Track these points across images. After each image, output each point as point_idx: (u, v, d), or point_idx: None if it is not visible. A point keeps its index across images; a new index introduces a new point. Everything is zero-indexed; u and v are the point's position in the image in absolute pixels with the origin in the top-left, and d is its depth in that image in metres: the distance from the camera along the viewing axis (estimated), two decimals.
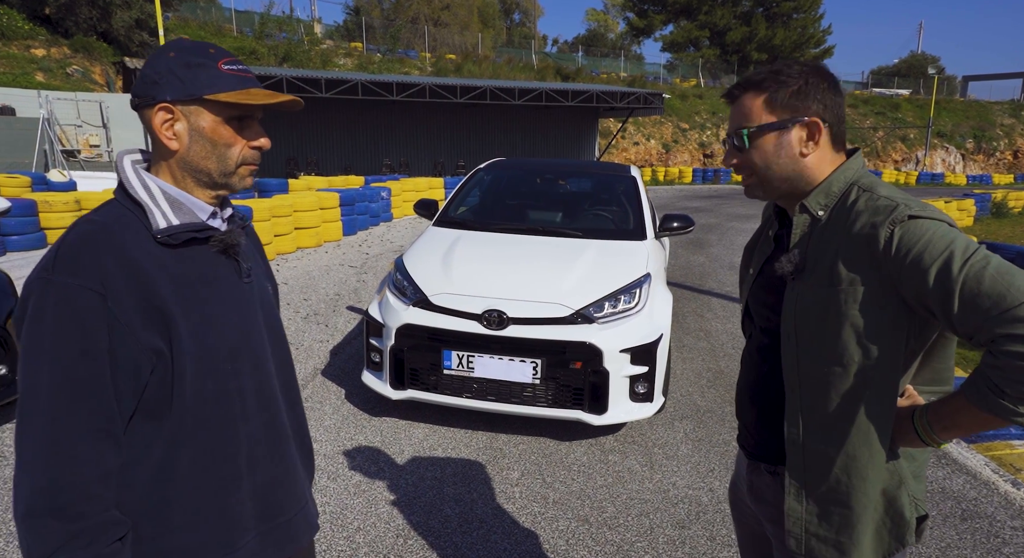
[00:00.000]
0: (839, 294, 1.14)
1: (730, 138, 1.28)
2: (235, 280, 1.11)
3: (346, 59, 29.04)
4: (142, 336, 0.96)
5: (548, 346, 3.32)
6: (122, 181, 1.05)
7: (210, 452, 1.05)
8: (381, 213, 12.55)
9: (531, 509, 2.91)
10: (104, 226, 0.98)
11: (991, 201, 17.57)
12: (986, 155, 40.79)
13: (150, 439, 1.00)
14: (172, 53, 1.03)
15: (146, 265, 0.97)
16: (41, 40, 20.53)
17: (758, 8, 43.58)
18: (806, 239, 1.22)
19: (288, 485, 1.19)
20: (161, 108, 1.01)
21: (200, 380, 1.02)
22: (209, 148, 1.04)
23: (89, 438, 0.93)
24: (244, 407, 1.09)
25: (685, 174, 29.41)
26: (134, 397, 0.98)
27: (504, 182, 5.47)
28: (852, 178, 1.22)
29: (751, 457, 1.42)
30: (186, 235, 1.03)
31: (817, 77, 1.22)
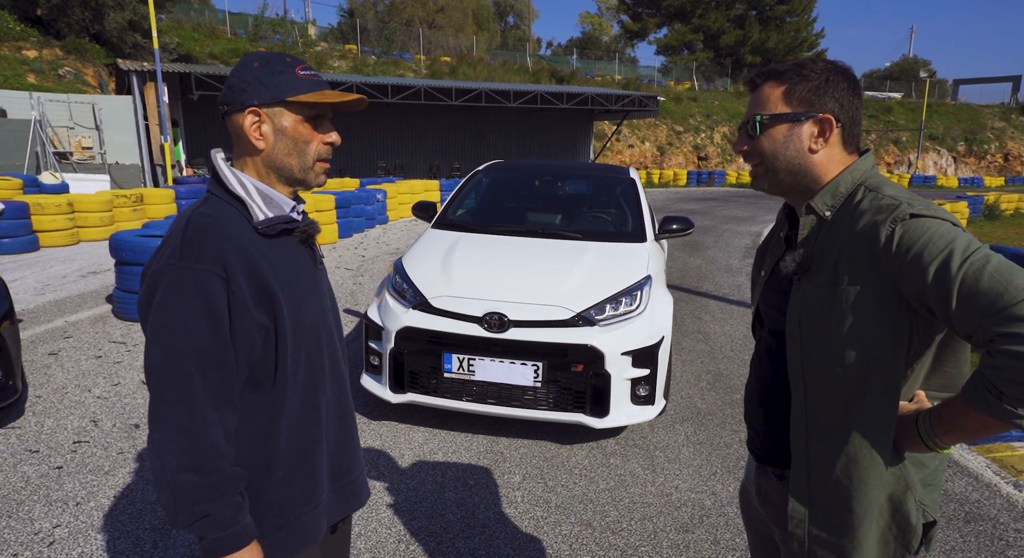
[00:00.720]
0: (841, 293, 1.13)
1: (744, 124, 1.28)
2: (312, 266, 1.26)
3: (340, 61, 28.99)
4: (255, 315, 1.09)
5: (549, 349, 3.30)
6: (220, 177, 1.17)
7: (301, 417, 1.19)
8: (377, 215, 12.52)
9: (533, 513, 2.89)
10: (218, 218, 1.11)
11: (983, 204, 17.68)
12: (977, 158, 41.09)
13: (257, 405, 1.15)
14: (256, 63, 1.16)
15: (253, 252, 1.11)
16: (33, 41, 20.38)
17: (751, 11, 43.83)
18: (812, 239, 1.22)
19: (351, 449, 1.35)
20: (250, 112, 1.14)
21: (295, 353, 1.16)
22: (291, 146, 1.17)
23: (217, 404, 1.06)
24: (324, 377, 1.24)
25: (680, 177, 29.49)
26: (246, 367, 1.11)
27: (503, 184, 5.45)
28: (860, 178, 1.21)
29: (759, 461, 1.41)
30: (280, 226, 1.17)
31: (838, 76, 1.22)
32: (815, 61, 1.24)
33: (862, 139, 1.30)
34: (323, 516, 1.27)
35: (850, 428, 1.16)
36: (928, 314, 1.09)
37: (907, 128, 39.45)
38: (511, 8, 55.31)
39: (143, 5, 19.60)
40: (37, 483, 2.98)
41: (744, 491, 1.57)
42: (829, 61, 1.24)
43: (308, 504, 1.23)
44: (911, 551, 1.20)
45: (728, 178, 30.93)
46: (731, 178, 30.96)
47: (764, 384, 1.37)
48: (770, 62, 42.59)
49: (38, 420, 3.62)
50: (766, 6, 43.23)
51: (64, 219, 9.18)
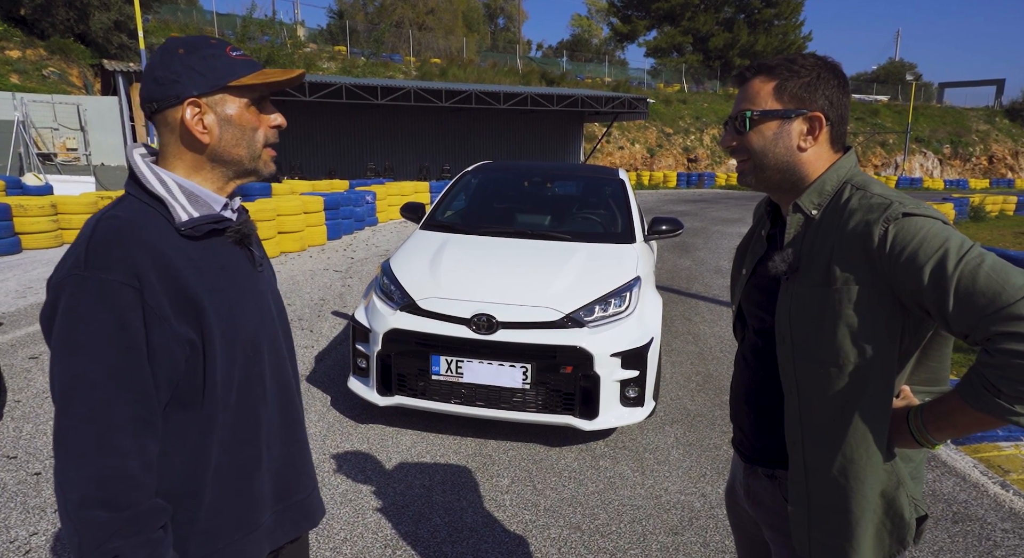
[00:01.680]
0: (833, 293, 1.12)
1: (732, 119, 1.26)
2: (249, 269, 1.15)
3: (330, 63, 28.87)
4: (177, 327, 0.98)
5: (538, 350, 3.27)
6: (137, 176, 1.06)
7: (236, 435, 1.09)
8: (366, 217, 12.45)
9: (522, 517, 2.86)
10: (130, 221, 0.99)
11: (969, 205, 17.86)
12: (962, 160, 41.54)
13: (184, 426, 1.03)
14: (181, 50, 1.05)
15: (174, 257, 0.99)
16: (16, 41, 20.15)
17: (740, 15, 44.11)
18: (800, 238, 1.21)
19: (300, 465, 1.24)
20: (190, 104, 1.04)
21: (228, 367, 1.06)
22: (239, 134, 1.08)
23: (132, 429, 0.95)
24: (264, 391, 1.14)
25: (670, 178, 29.59)
26: (170, 386, 1.00)
27: (492, 185, 5.42)
28: (845, 176, 1.21)
29: (748, 461, 1.39)
30: (207, 226, 1.06)
31: (829, 73, 1.21)
32: (805, 57, 1.22)
33: (850, 142, 1.30)
34: (262, 541, 1.16)
35: (846, 427, 1.15)
36: (922, 313, 1.08)
37: (894, 130, 39.82)
38: (501, 10, 55.36)
39: (129, 5, 19.44)
40: (14, 490, 2.91)
41: (731, 492, 1.55)
42: (818, 57, 1.23)
43: (243, 529, 1.12)
44: (905, 546, 1.20)
45: (718, 180, 31.08)
46: (720, 180, 31.11)
47: (752, 384, 1.35)
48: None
49: (16, 425, 3.55)
50: (754, 9, 43.52)
51: (47, 221, 9.06)
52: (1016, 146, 42.89)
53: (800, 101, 1.19)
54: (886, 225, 1.08)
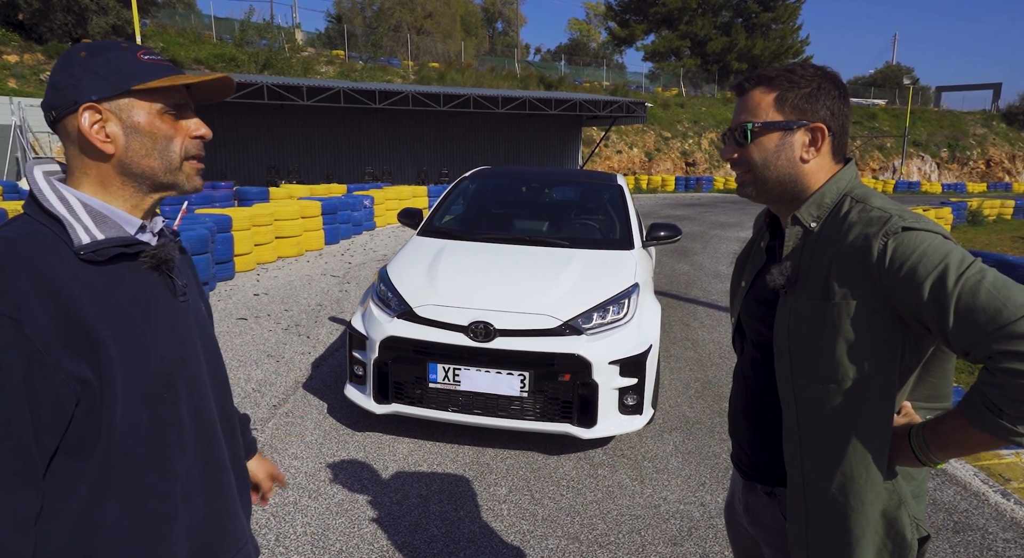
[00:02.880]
0: (832, 308, 1.11)
1: (732, 131, 1.24)
2: (169, 299, 1.01)
3: (328, 67, 28.88)
4: (65, 365, 0.85)
5: (536, 358, 3.25)
6: (34, 193, 0.92)
7: (142, 490, 0.94)
8: (364, 222, 12.43)
9: (519, 527, 2.83)
10: (14, 243, 0.87)
11: (967, 209, 17.89)
12: (960, 164, 41.65)
13: (74, 481, 0.89)
14: (83, 53, 0.95)
15: (67, 285, 0.86)
16: (14, 46, 20.14)
17: (738, 19, 44.22)
18: (798, 251, 1.19)
19: (226, 521, 1.09)
20: (87, 109, 0.92)
21: (133, 411, 0.92)
22: (149, 144, 0.96)
23: (6, 484, 0.81)
24: (181, 437, 0.99)
25: (668, 182, 29.62)
26: (55, 434, 0.86)
27: (489, 191, 5.40)
28: (845, 189, 1.19)
29: (747, 477, 1.36)
30: (113, 250, 0.93)
31: (829, 83, 1.19)
32: (804, 66, 1.20)
33: (848, 145, 1.29)
34: None
35: (845, 445, 1.13)
36: (922, 329, 1.07)
37: (891, 134, 39.92)
38: (500, 14, 55.48)
39: (127, 10, 19.44)
40: None
41: (730, 507, 1.53)
42: (817, 67, 1.21)
43: None
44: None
45: (716, 184, 31.11)
46: (719, 184, 31.14)
47: (751, 398, 1.33)
48: (756, 68, 43.22)
49: None
50: (752, 13, 43.63)
51: None
52: (1013, 150, 43.03)
53: (801, 112, 1.18)
54: (885, 239, 1.06)
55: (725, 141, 1.26)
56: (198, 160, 1.02)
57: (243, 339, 5.35)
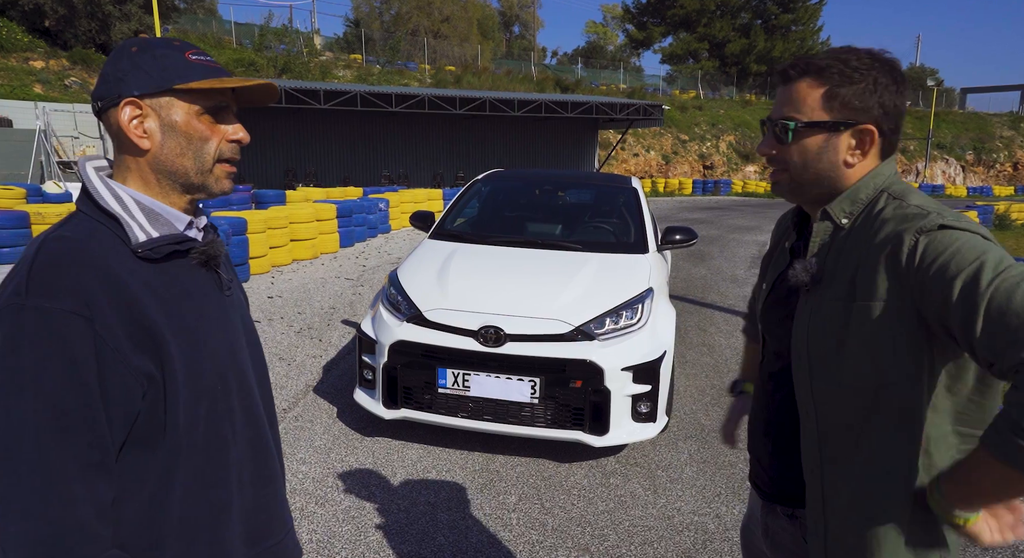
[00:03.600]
0: (856, 309, 1.02)
1: (771, 123, 1.12)
2: (216, 293, 1.04)
3: (345, 71, 29.10)
4: (133, 360, 0.87)
5: (547, 364, 3.19)
6: (89, 191, 0.95)
7: (202, 479, 0.98)
8: (379, 225, 12.45)
9: (529, 537, 2.77)
10: (79, 242, 0.88)
11: (993, 213, 17.49)
12: (986, 167, 40.83)
13: (143, 469, 0.93)
14: (134, 48, 0.96)
15: (130, 282, 0.89)
16: (40, 52, 20.56)
17: (757, 20, 43.84)
18: (826, 248, 1.10)
19: (274, 507, 1.13)
20: (128, 104, 0.93)
21: (192, 402, 0.95)
22: (184, 144, 0.96)
23: (84, 475, 0.84)
24: (233, 428, 1.03)
25: (685, 185, 29.39)
26: (125, 426, 0.89)
27: (502, 194, 5.36)
28: (882, 184, 1.09)
29: (766, 498, 1.27)
30: (167, 248, 0.95)
31: (886, 76, 1.07)
32: (859, 55, 1.07)
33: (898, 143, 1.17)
34: None
35: (865, 461, 1.04)
36: (946, 336, 0.96)
37: (914, 137, 39.25)
38: (517, 18, 55.56)
39: (148, 16, 19.74)
40: None
41: (747, 530, 1.44)
42: (874, 55, 1.08)
43: None
44: None
45: (734, 187, 30.80)
46: (737, 187, 30.83)
47: (770, 411, 1.24)
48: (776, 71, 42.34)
49: None
50: (771, 15, 43.23)
51: None
52: None
53: (852, 111, 1.06)
54: (918, 236, 0.97)
55: (764, 131, 1.15)
56: (231, 164, 1.02)
57: None
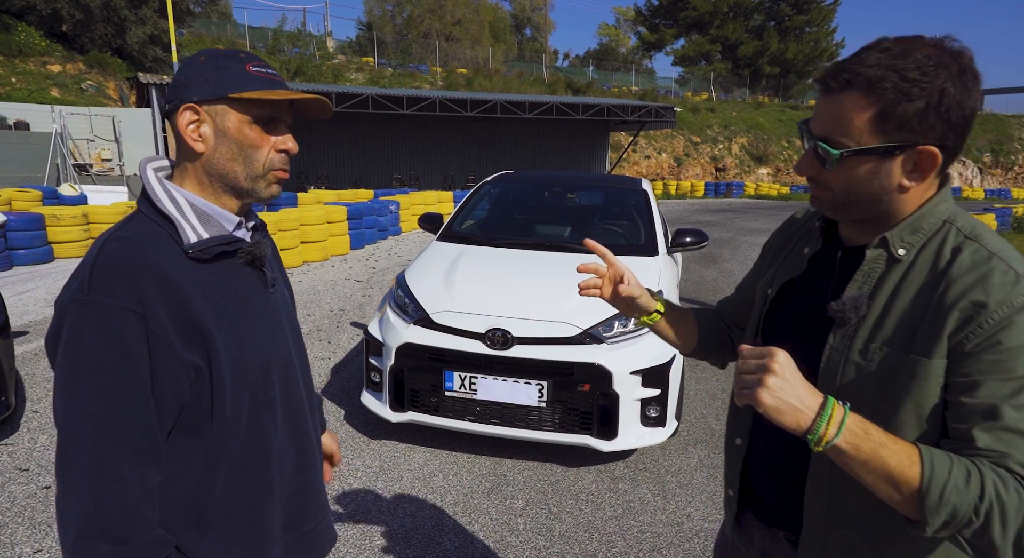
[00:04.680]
0: (910, 363, 0.91)
1: (813, 140, 0.96)
2: (262, 291, 1.11)
3: (357, 73, 29.24)
4: (182, 354, 0.95)
5: (555, 367, 3.15)
6: (148, 193, 1.02)
7: (245, 465, 1.05)
8: (389, 227, 12.47)
9: (535, 543, 2.73)
10: (136, 243, 0.96)
11: (1012, 216, 17.23)
12: (1004, 169, 40.27)
13: (189, 454, 1.00)
14: (202, 57, 1.04)
15: (181, 282, 0.96)
16: (57, 56, 20.82)
17: (770, 22, 43.55)
18: (875, 280, 0.97)
19: (312, 493, 1.20)
20: (187, 108, 1.01)
21: (236, 394, 1.02)
22: (235, 150, 1.03)
23: (133, 459, 0.93)
24: (274, 418, 1.09)
25: (697, 188, 29.23)
26: (174, 414, 0.97)
27: (511, 195, 5.33)
28: (945, 213, 0.96)
29: (764, 521, 1.18)
30: (216, 248, 1.02)
31: (955, 84, 0.87)
32: (920, 61, 0.87)
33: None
34: None
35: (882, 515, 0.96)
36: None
37: None
38: (528, 20, 55.60)
39: (164, 20, 19.93)
40: (23, 504, 2.88)
41: (725, 545, 1.33)
42: (939, 54, 0.88)
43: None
44: None
45: (746, 189, 30.59)
46: (749, 189, 30.61)
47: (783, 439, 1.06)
48: (789, 72, 42.06)
49: (32, 436, 3.55)
50: (785, 16, 42.92)
51: (79, 230, 9.23)
52: None
53: (910, 132, 0.88)
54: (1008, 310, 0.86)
55: (803, 140, 1.00)
56: (282, 171, 1.08)
57: None
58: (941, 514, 0.80)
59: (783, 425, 0.84)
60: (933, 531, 0.82)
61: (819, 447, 0.84)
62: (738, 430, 1.20)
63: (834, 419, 0.83)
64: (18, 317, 5.93)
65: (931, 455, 0.83)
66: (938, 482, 0.80)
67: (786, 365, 0.86)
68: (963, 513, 0.80)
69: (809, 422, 0.83)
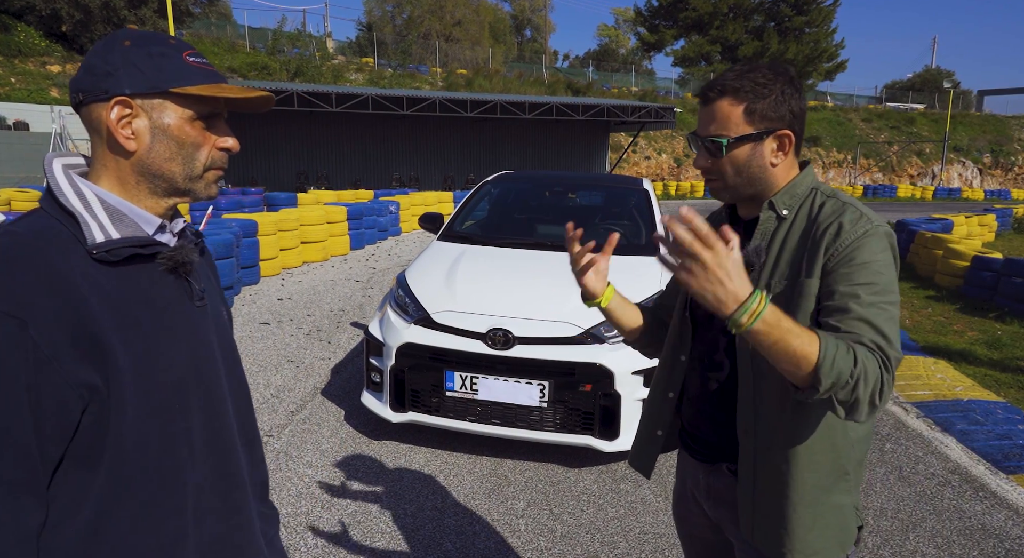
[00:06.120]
0: (799, 286, 1.20)
1: (702, 140, 1.27)
2: (186, 303, 0.96)
3: (357, 74, 29.24)
4: (72, 370, 0.80)
5: (556, 367, 3.14)
6: (51, 188, 0.89)
7: (151, 506, 0.89)
8: (389, 227, 12.47)
9: (537, 543, 2.72)
10: (24, 238, 0.83)
11: (1012, 216, 17.22)
12: (1004, 170, 40.28)
13: (80, 493, 0.84)
14: (127, 41, 0.90)
15: (78, 285, 0.82)
16: (57, 57, 20.83)
17: (770, 23, 43.55)
18: (769, 235, 1.27)
19: (241, 543, 1.02)
20: (118, 102, 0.88)
21: (142, 420, 0.87)
22: (174, 149, 0.92)
23: (6, 495, 0.77)
24: (191, 451, 0.93)
25: (697, 188, 29.24)
26: (60, 442, 0.81)
27: (512, 195, 5.32)
28: (812, 184, 1.30)
29: (707, 460, 1.40)
30: (128, 250, 0.88)
31: (789, 85, 1.24)
32: (763, 72, 1.23)
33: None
34: None
35: (794, 415, 1.21)
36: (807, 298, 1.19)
37: (930, 139, 38.80)
38: (528, 21, 55.63)
39: (163, 20, 19.94)
40: None
41: (682, 499, 1.56)
42: (774, 67, 1.25)
43: None
44: (846, 551, 1.28)
45: None
46: None
47: (716, 384, 1.36)
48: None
49: None
50: (785, 17, 42.92)
51: None
52: None
53: (769, 121, 1.23)
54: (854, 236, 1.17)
55: (695, 148, 1.30)
56: (221, 169, 0.99)
57: (265, 344, 5.34)
58: (830, 378, 1.02)
59: (705, 306, 1.02)
60: (823, 392, 1.03)
61: (735, 330, 1.02)
62: (671, 386, 1.44)
63: (753, 312, 1.00)
64: None
65: (825, 336, 1.06)
66: (830, 354, 1.02)
67: (720, 257, 0.97)
68: (843, 377, 1.02)
69: (729, 312, 1.00)
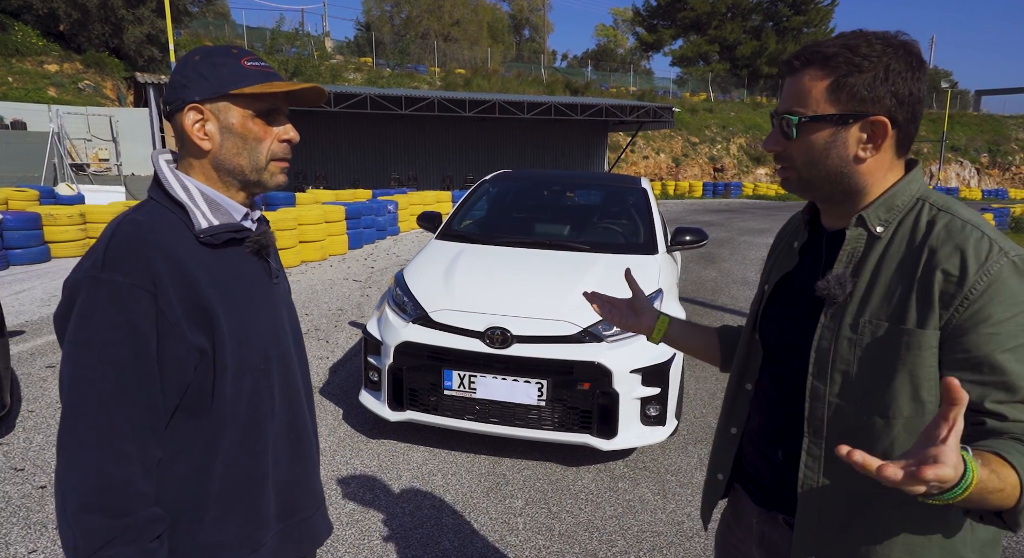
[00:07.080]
0: (902, 334, 0.94)
1: (778, 117, 1.04)
2: (265, 280, 1.14)
3: (356, 74, 29.21)
4: (189, 335, 0.97)
5: (554, 366, 3.14)
6: (160, 181, 1.06)
7: (243, 450, 1.07)
8: (388, 226, 12.45)
9: (535, 542, 2.71)
10: (150, 225, 0.99)
11: (1010, 216, 17.27)
12: (1001, 169, 40.36)
13: (190, 436, 1.02)
14: (197, 57, 1.06)
15: (191, 264, 0.99)
16: (54, 56, 20.78)
17: (768, 23, 43.62)
18: (858, 258, 1.02)
19: (306, 484, 1.21)
20: (191, 109, 1.04)
21: (238, 378, 1.04)
22: (240, 144, 1.06)
23: (136, 436, 0.94)
24: (273, 406, 1.11)
25: (695, 188, 29.26)
26: (178, 394, 0.99)
27: (510, 194, 5.31)
28: (918, 193, 1.02)
29: (764, 505, 1.19)
30: (226, 235, 1.05)
31: (900, 62, 0.97)
32: (870, 40, 0.97)
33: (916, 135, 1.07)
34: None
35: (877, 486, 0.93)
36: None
37: (928, 139, 38.86)
38: (527, 21, 55.61)
39: (161, 19, 19.90)
40: (18, 503, 2.86)
41: (730, 529, 1.33)
42: (886, 38, 0.98)
43: (245, 547, 1.09)
44: None
45: (745, 190, 30.62)
46: (748, 190, 30.64)
47: (778, 422, 1.14)
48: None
49: (27, 436, 3.52)
50: (783, 17, 42.99)
51: (76, 230, 9.20)
52: None
53: (861, 102, 0.97)
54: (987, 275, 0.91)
55: (773, 124, 1.08)
56: (284, 161, 1.12)
57: None
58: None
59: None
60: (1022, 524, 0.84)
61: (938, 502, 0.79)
62: (734, 420, 1.24)
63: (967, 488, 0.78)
64: (14, 317, 5.90)
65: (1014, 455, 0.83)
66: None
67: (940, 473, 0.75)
68: None
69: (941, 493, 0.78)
